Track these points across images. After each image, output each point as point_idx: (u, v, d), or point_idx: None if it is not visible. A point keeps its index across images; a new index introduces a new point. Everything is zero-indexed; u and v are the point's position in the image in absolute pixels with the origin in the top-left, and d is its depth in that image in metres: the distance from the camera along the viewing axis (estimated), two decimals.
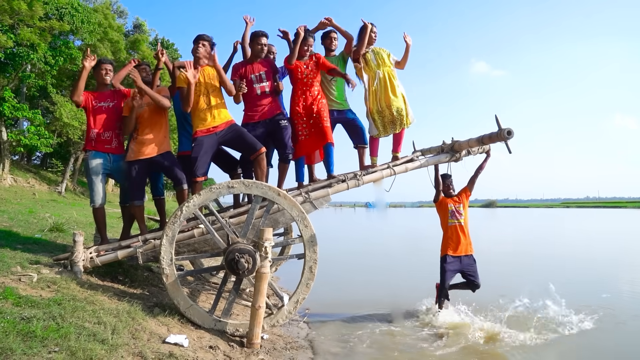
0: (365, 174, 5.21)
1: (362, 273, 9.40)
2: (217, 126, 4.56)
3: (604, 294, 7.02)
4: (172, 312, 3.98)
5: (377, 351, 4.51)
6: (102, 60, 4.83)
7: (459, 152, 5.64)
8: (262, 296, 3.96)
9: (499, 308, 5.65)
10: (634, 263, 11.04)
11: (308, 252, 4.36)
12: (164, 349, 3.22)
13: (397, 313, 5.83)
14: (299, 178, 5.26)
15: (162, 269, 3.98)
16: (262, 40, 4.84)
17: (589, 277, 8.85)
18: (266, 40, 4.89)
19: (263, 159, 4.64)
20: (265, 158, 4.71)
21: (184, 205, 4.05)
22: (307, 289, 4.40)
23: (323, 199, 4.98)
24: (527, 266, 10.30)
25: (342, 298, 6.87)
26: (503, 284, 7.62)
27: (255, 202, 4.26)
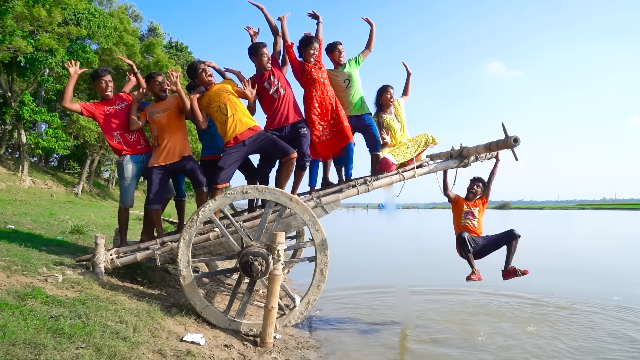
0: (375, 179, 5.34)
1: (375, 275, 9.51)
2: (241, 134, 4.67)
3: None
4: (188, 312, 4.16)
5: (387, 350, 4.64)
6: (100, 73, 4.92)
7: (467, 158, 5.73)
8: (274, 297, 4.12)
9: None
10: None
11: (319, 255, 4.52)
12: (181, 346, 3.40)
13: (408, 317, 5.96)
14: (311, 183, 5.39)
15: (179, 270, 4.16)
16: (264, 50, 4.94)
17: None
18: (267, 50, 4.99)
19: (292, 164, 4.80)
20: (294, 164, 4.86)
21: (200, 210, 4.23)
22: (318, 290, 4.55)
23: (334, 204, 5.13)
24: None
25: (355, 301, 7.02)
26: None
27: (269, 206, 4.43)
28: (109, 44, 22.56)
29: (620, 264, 11.48)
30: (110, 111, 4.90)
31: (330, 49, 5.44)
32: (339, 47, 5.42)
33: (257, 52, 4.93)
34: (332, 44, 5.45)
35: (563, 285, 8.23)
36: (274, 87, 4.93)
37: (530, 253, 13.39)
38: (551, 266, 10.68)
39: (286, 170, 4.86)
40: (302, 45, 5.15)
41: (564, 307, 6.46)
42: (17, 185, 18.43)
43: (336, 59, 5.44)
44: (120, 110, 4.93)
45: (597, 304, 6.59)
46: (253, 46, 5.00)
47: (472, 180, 5.80)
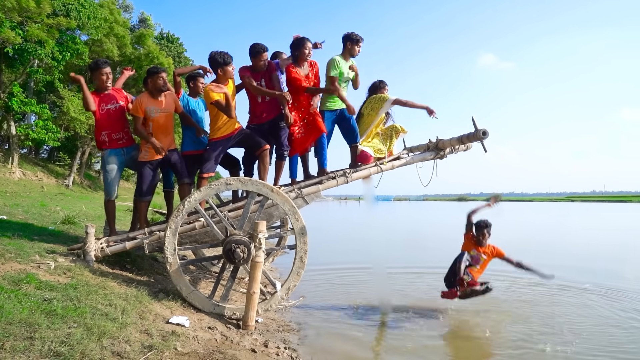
0: (354, 171, 5.59)
1: (358, 265, 9.81)
2: (230, 133, 5.12)
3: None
4: (175, 297, 4.41)
5: (365, 335, 4.93)
6: (100, 64, 5.07)
7: (443, 150, 6.00)
8: (256, 283, 4.38)
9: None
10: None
11: (299, 243, 4.77)
12: (167, 328, 3.65)
13: (389, 303, 6.26)
14: (292, 175, 5.66)
15: (166, 258, 4.40)
16: (264, 56, 5.20)
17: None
18: (267, 55, 5.24)
19: (267, 155, 5.18)
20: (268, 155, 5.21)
21: (185, 201, 4.47)
22: (298, 276, 4.81)
23: (314, 195, 5.39)
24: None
25: (337, 289, 7.32)
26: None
27: (251, 197, 4.68)
28: (100, 35, 22.55)
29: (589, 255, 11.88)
30: (104, 111, 5.07)
31: (358, 42, 5.54)
32: (360, 44, 5.56)
33: (257, 55, 5.19)
34: (358, 38, 5.55)
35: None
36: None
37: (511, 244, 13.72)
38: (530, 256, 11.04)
39: (263, 161, 5.23)
40: (296, 47, 5.35)
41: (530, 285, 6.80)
42: (7, 177, 18.51)
43: (353, 53, 5.56)
44: (114, 110, 5.12)
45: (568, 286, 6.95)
46: (255, 48, 5.19)
47: (481, 227, 5.61)
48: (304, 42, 5.33)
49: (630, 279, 8.16)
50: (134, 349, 3.06)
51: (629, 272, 9.03)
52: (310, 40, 5.40)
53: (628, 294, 6.81)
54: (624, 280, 7.95)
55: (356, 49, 5.59)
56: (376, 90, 5.87)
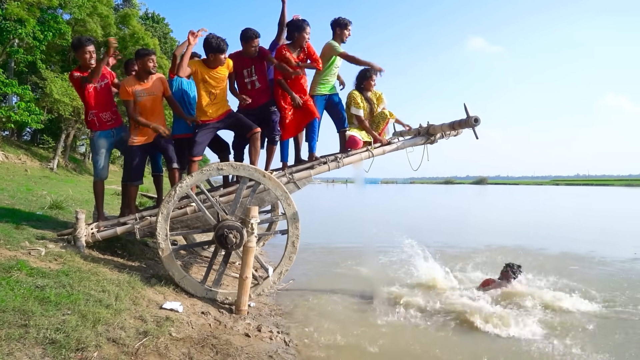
0: (345, 156, 5.61)
1: (348, 249, 9.89)
2: (219, 116, 5.08)
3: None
4: (167, 282, 4.41)
5: (357, 317, 5.00)
6: (83, 42, 4.90)
7: (434, 135, 6.04)
8: (248, 268, 4.40)
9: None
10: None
11: (291, 228, 4.80)
12: (161, 313, 3.66)
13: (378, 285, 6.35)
14: (283, 158, 5.66)
15: (158, 243, 4.39)
16: (256, 42, 5.11)
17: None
18: (259, 42, 5.15)
19: (258, 139, 5.13)
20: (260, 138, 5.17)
21: (177, 186, 4.44)
22: (290, 261, 4.85)
23: (306, 180, 5.40)
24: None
25: (327, 270, 7.42)
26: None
27: (243, 182, 4.67)
28: (83, 15, 21.98)
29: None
30: (91, 90, 4.96)
31: (346, 25, 5.55)
32: (349, 27, 5.57)
33: (248, 40, 5.09)
34: (346, 22, 5.54)
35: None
36: (250, 79, 5.20)
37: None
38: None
39: (254, 144, 5.18)
40: (296, 29, 5.28)
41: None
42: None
43: (343, 38, 5.55)
44: (100, 89, 5.02)
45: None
46: (247, 33, 5.09)
47: (511, 268, 5.87)
48: (304, 28, 5.27)
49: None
50: (129, 335, 3.07)
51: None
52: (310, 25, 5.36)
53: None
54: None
55: (346, 33, 5.59)
56: (363, 80, 5.86)
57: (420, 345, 4.22)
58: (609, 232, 13.44)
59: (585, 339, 4.35)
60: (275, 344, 3.87)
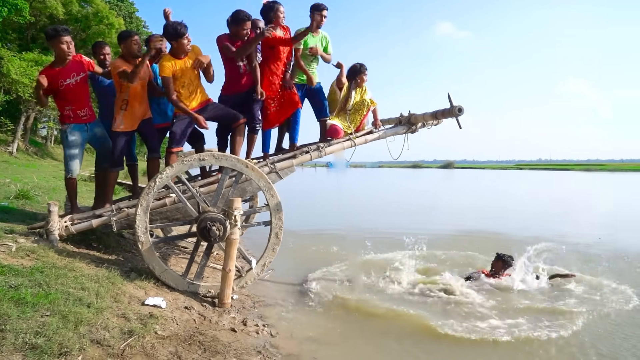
0: (327, 145, 5.54)
1: (326, 234, 9.87)
2: (197, 106, 4.86)
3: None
4: (147, 276, 4.26)
5: (343, 304, 4.99)
6: (60, 32, 4.51)
7: (415, 124, 6.03)
8: (232, 260, 4.30)
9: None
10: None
11: (274, 219, 4.71)
12: (144, 310, 3.53)
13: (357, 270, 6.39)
14: (265, 148, 5.54)
15: (137, 236, 4.23)
16: (248, 25, 4.91)
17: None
18: (250, 24, 4.95)
19: (243, 129, 5.00)
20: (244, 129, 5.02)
21: (157, 177, 4.27)
22: (274, 253, 4.77)
23: (288, 169, 5.30)
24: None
25: (308, 256, 7.41)
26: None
27: (225, 173, 4.53)
28: None
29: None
30: (63, 86, 4.58)
31: (321, 10, 5.31)
32: (324, 12, 5.33)
33: (240, 23, 4.88)
34: (321, 6, 5.32)
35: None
36: (240, 63, 5.00)
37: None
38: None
39: (238, 135, 5.06)
40: (270, 10, 5.12)
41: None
42: None
43: (318, 24, 5.34)
44: (75, 84, 4.64)
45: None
46: (239, 15, 4.87)
47: (502, 261, 5.97)
48: (276, 7, 5.13)
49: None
50: (114, 335, 2.94)
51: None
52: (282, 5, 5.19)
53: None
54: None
55: (321, 18, 5.40)
56: (356, 75, 5.77)
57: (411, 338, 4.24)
58: (574, 217, 13.94)
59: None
60: (262, 338, 3.81)
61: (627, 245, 8.87)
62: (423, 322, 4.49)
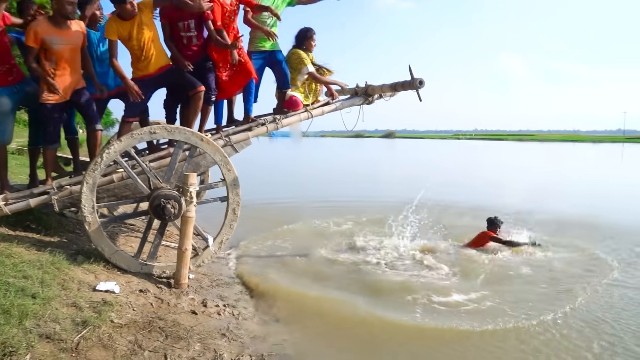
0: (284, 117, 5.33)
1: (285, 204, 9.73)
2: (156, 71, 4.48)
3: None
4: (96, 258, 3.95)
5: (301, 280, 4.92)
6: None
7: (372, 95, 5.96)
8: (188, 239, 4.08)
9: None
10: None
11: (231, 194, 4.50)
12: (96, 297, 3.27)
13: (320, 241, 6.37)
14: (217, 120, 5.25)
15: (83, 217, 3.89)
16: None
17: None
18: None
19: (200, 98, 4.61)
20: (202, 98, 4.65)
21: (104, 152, 3.91)
22: (231, 229, 4.58)
23: (244, 142, 5.06)
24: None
25: (263, 228, 7.28)
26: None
27: (178, 147, 4.25)
28: None
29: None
30: None
31: None
32: None
33: None
34: None
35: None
36: (187, 33, 4.64)
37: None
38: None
39: (194, 105, 4.70)
40: None
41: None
42: None
43: None
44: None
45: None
46: None
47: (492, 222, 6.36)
48: None
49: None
50: (65, 327, 2.70)
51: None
52: None
53: None
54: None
55: None
56: (304, 41, 5.54)
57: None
58: (520, 186, 14.65)
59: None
60: (225, 319, 3.66)
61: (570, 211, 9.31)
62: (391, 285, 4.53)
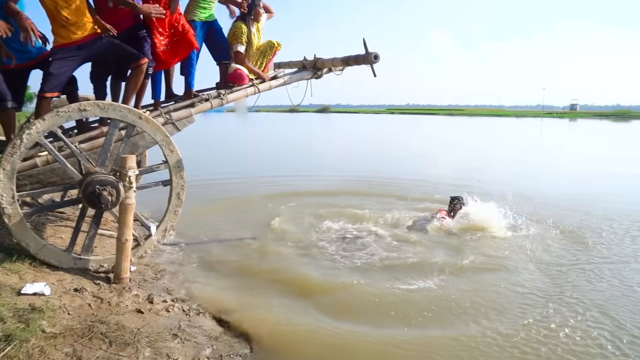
0: (229, 92, 4.95)
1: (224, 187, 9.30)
2: (82, 39, 3.84)
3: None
4: (20, 255, 3.45)
5: (249, 267, 4.65)
6: None
7: (321, 69, 5.70)
8: (128, 229, 3.68)
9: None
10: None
11: (175, 178, 4.12)
12: (22, 302, 2.83)
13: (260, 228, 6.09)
14: (156, 95, 4.76)
15: (2, 208, 3.36)
16: None
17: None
18: None
19: (142, 72, 4.08)
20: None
21: (24, 133, 3.37)
22: (176, 216, 4.21)
23: (186, 120, 4.64)
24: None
25: (207, 210, 6.96)
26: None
27: (114, 126, 3.77)
28: None
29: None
30: None
31: None
32: None
33: None
34: None
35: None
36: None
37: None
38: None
39: (135, 79, 4.19)
40: None
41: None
42: None
43: None
44: None
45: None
46: None
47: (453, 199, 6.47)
48: None
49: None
50: None
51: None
52: None
53: None
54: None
55: None
56: (251, 9, 5.13)
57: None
58: (453, 160, 15.05)
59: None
60: (175, 316, 3.33)
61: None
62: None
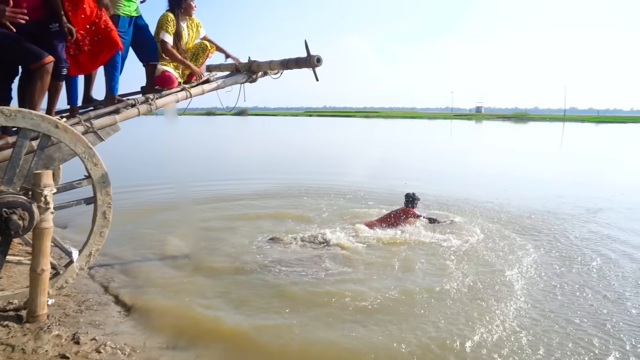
0: (159, 97, 4.50)
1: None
2: None
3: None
4: None
5: (191, 291, 4.23)
6: None
7: (256, 73, 5.42)
8: (45, 257, 3.15)
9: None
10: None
11: (100, 195, 3.62)
12: None
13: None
14: (72, 100, 4.19)
15: None
16: None
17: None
18: None
19: (47, 73, 3.46)
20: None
21: None
22: (102, 238, 3.70)
23: (110, 128, 4.10)
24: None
25: (134, 223, 6.43)
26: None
27: (23, 137, 3.19)
28: None
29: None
30: None
31: None
32: None
33: None
34: None
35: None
36: None
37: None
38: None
39: (39, 82, 3.53)
40: None
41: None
42: None
43: None
44: None
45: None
46: None
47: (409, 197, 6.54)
48: None
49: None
50: None
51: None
52: None
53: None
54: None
55: None
56: (181, 2, 4.71)
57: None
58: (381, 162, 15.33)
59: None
60: (108, 358, 2.86)
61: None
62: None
